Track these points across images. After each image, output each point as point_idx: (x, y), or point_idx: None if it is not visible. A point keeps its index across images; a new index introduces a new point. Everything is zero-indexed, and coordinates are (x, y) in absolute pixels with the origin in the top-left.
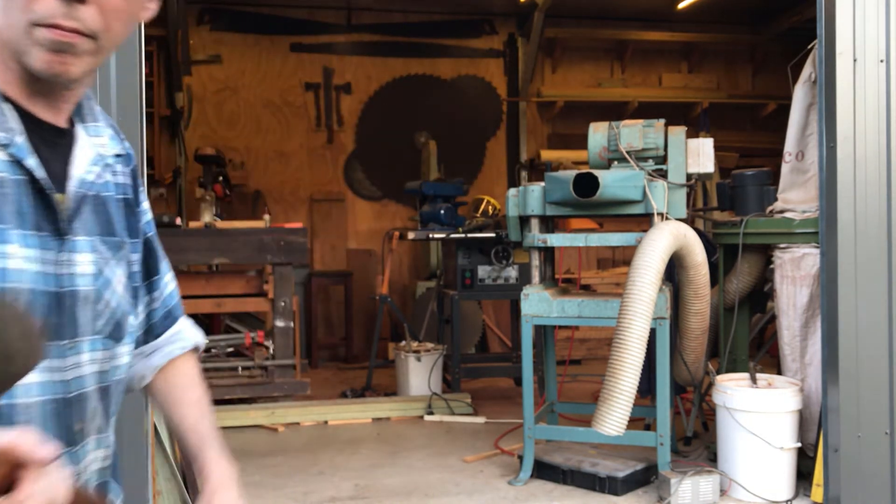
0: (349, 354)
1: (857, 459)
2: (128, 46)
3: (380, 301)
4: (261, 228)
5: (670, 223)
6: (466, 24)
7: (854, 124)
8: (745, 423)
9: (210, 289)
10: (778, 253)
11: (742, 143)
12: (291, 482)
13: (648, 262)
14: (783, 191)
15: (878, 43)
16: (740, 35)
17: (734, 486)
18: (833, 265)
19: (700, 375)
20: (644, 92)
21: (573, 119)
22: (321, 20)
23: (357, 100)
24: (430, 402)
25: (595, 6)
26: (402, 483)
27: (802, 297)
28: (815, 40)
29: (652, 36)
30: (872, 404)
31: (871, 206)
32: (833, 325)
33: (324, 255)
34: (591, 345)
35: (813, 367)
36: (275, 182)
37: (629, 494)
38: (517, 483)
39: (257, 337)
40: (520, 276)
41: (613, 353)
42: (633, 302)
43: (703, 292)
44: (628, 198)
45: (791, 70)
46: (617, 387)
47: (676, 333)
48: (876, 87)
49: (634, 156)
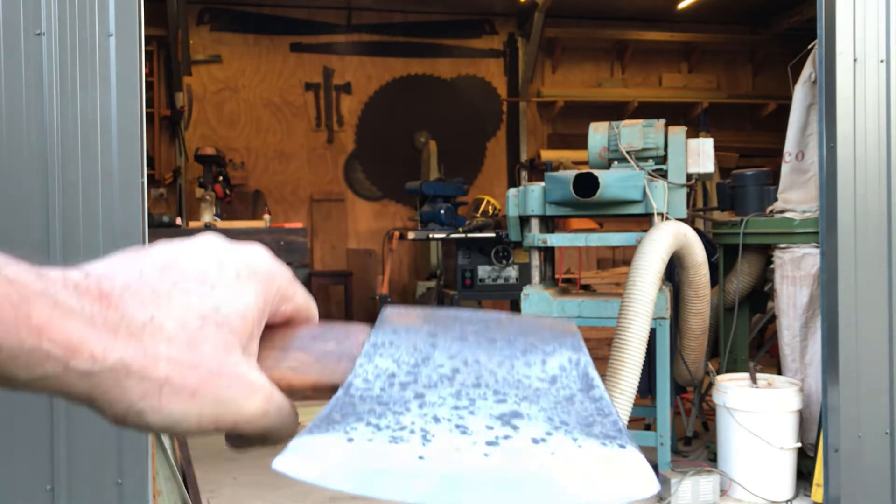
0: None
1: (857, 459)
2: (128, 46)
3: (380, 301)
4: (261, 228)
5: (670, 223)
6: (466, 24)
7: (854, 124)
8: (745, 423)
9: None
10: (778, 253)
11: (742, 143)
12: (291, 482)
13: (648, 262)
14: (783, 191)
15: (878, 43)
16: (740, 35)
17: (734, 486)
18: (833, 265)
19: (700, 375)
20: (644, 92)
21: (573, 119)
22: (321, 20)
23: (357, 100)
24: None
25: (595, 6)
26: None
27: (802, 297)
28: (815, 40)
29: (652, 36)
30: (872, 404)
31: (871, 206)
32: (833, 325)
33: (324, 255)
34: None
35: (813, 367)
36: (275, 182)
37: None
38: None
39: None
40: (520, 276)
41: (613, 353)
42: (634, 302)
43: (704, 292)
44: (628, 198)
45: (791, 70)
46: (617, 387)
47: (676, 333)
48: (876, 87)
49: (634, 156)
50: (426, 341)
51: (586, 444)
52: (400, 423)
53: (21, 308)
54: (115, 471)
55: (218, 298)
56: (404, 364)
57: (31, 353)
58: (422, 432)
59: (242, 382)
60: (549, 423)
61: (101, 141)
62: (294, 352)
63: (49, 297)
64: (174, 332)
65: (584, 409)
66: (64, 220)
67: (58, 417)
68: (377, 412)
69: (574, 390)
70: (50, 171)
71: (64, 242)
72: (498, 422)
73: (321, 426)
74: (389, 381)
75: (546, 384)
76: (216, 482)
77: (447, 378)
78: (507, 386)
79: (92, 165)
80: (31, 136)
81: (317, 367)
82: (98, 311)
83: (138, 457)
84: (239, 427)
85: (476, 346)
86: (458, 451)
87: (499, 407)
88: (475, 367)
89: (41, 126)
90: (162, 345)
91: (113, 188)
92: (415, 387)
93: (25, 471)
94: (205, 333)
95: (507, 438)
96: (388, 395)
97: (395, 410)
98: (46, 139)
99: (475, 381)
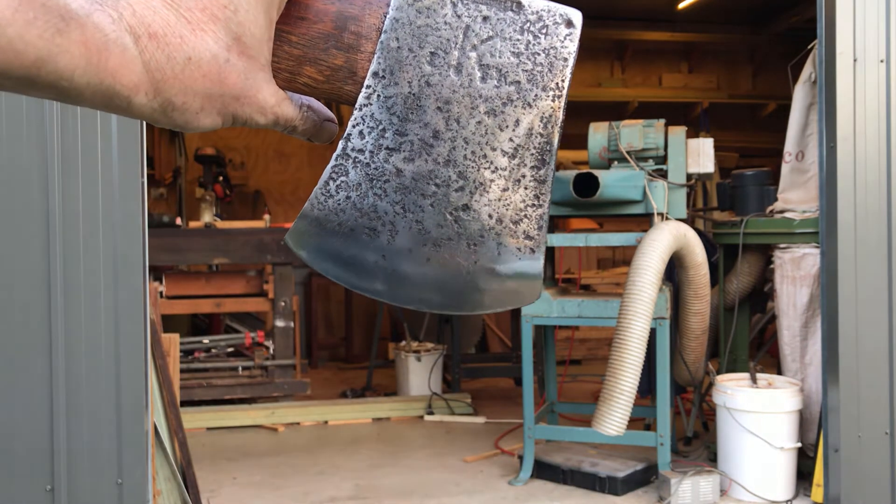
0: (349, 354)
1: (857, 459)
2: None
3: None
4: (261, 228)
5: (670, 223)
6: None
7: (854, 124)
8: (745, 423)
9: (210, 289)
10: (778, 253)
11: (742, 143)
12: (291, 482)
13: (648, 262)
14: (783, 191)
15: (878, 43)
16: (740, 35)
17: (734, 486)
18: (833, 265)
19: (700, 375)
20: (644, 92)
21: (573, 119)
22: None
23: None
24: (430, 402)
25: (595, 6)
26: (402, 483)
27: (802, 297)
28: (815, 40)
29: (652, 36)
30: (872, 404)
31: (871, 206)
32: (833, 325)
33: None
34: (591, 345)
35: (813, 367)
36: (275, 182)
37: (629, 494)
38: (517, 483)
39: (257, 337)
40: None
41: (613, 353)
42: (634, 302)
43: (703, 292)
44: (628, 198)
45: (791, 70)
46: (617, 387)
47: (676, 333)
48: (876, 87)
49: (634, 156)
50: (420, 79)
51: (504, 253)
52: (376, 211)
53: (103, 53)
54: (115, 471)
55: (240, 26)
56: (397, 106)
57: (105, 89)
58: (390, 227)
59: (256, 104)
60: (487, 220)
61: (101, 141)
62: (307, 65)
63: (119, 44)
64: (207, 70)
65: (524, 196)
66: (64, 220)
67: (58, 417)
68: (363, 188)
69: (526, 169)
70: (50, 170)
71: (64, 242)
72: (450, 218)
73: (320, 201)
74: (379, 139)
75: (507, 159)
76: (216, 482)
77: (426, 146)
78: (470, 165)
79: (92, 165)
80: (32, 135)
81: (326, 86)
82: (151, 54)
83: (138, 457)
84: (254, 124)
85: (464, 93)
86: (409, 253)
87: (456, 197)
88: (454, 129)
89: (41, 126)
90: (198, 82)
91: (113, 188)
92: (397, 157)
93: (25, 471)
94: (231, 65)
95: (448, 241)
96: (375, 164)
97: (377, 191)
98: (46, 139)
99: (446, 158)
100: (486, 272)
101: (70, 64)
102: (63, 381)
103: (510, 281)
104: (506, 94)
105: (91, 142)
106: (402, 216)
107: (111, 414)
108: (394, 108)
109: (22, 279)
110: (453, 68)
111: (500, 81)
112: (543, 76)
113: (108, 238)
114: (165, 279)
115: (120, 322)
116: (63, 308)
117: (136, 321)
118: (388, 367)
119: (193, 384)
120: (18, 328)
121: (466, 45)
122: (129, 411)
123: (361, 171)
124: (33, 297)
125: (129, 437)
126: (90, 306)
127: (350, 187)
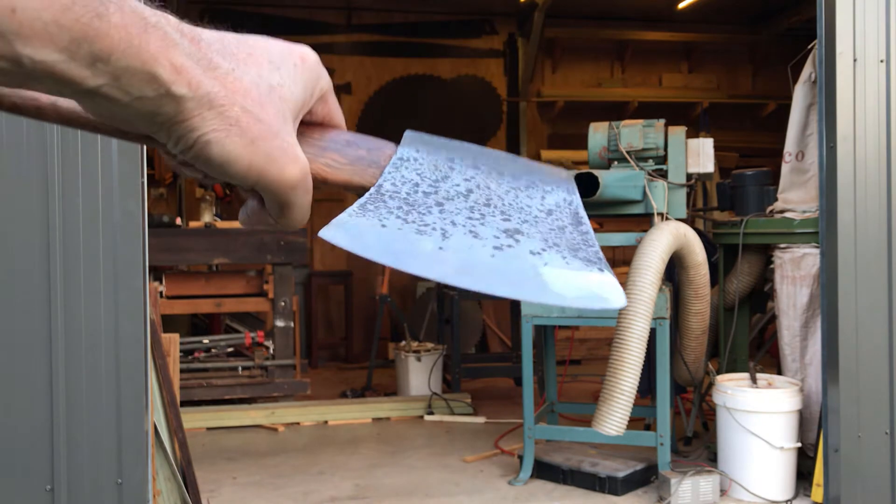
0: (349, 354)
1: (857, 459)
2: None
3: (380, 301)
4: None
5: (670, 223)
6: (466, 24)
7: (854, 124)
8: (745, 423)
9: (210, 289)
10: (778, 253)
11: (742, 143)
12: (291, 482)
13: (648, 262)
14: (783, 191)
15: (878, 43)
16: (740, 35)
17: (734, 486)
18: (833, 265)
19: (700, 375)
20: (644, 92)
21: (573, 119)
22: (321, 20)
23: (357, 100)
24: (430, 402)
25: (595, 6)
26: (402, 483)
27: (802, 297)
28: (815, 40)
29: (652, 36)
30: (872, 404)
31: (871, 206)
32: (833, 325)
33: (324, 254)
34: (591, 345)
35: (813, 367)
36: None
37: (629, 494)
38: (517, 483)
39: (257, 337)
40: None
41: (613, 353)
42: (633, 302)
43: (703, 292)
44: (628, 198)
45: (791, 70)
46: (617, 387)
47: (676, 333)
48: (876, 87)
49: (634, 156)
50: (445, 164)
51: (573, 262)
52: (423, 221)
53: (143, 36)
54: (115, 471)
55: (281, 77)
56: (426, 178)
57: (144, 73)
58: (441, 231)
59: (290, 149)
60: (544, 241)
61: (101, 141)
62: (329, 152)
63: (161, 29)
64: (249, 88)
65: (573, 238)
66: (64, 220)
67: (58, 417)
68: (404, 209)
69: (566, 223)
70: (50, 170)
71: (64, 242)
72: (503, 234)
73: (358, 212)
74: (414, 188)
75: (543, 214)
76: (216, 482)
77: (462, 195)
78: (511, 209)
79: (92, 165)
80: (31, 135)
81: (349, 168)
82: (194, 51)
83: (138, 457)
84: (272, 188)
85: (487, 175)
86: (470, 249)
87: (504, 223)
88: (486, 190)
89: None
90: (239, 94)
91: (113, 188)
92: (435, 196)
93: (25, 471)
94: (271, 98)
95: (509, 247)
96: (413, 199)
97: (420, 211)
98: (46, 139)
99: (486, 202)
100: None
101: (108, 46)
102: (63, 381)
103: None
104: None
105: (91, 141)
106: (453, 227)
107: (111, 414)
108: (423, 173)
109: (22, 279)
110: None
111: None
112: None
113: (108, 238)
114: (165, 279)
115: (120, 322)
116: (63, 308)
117: (136, 321)
118: (388, 367)
119: (193, 384)
120: (18, 328)
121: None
122: (129, 411)
123: (400, 201)
124: (33, 298)
125: (129, 436)
126: (90, 306)
127: (390, 209)
